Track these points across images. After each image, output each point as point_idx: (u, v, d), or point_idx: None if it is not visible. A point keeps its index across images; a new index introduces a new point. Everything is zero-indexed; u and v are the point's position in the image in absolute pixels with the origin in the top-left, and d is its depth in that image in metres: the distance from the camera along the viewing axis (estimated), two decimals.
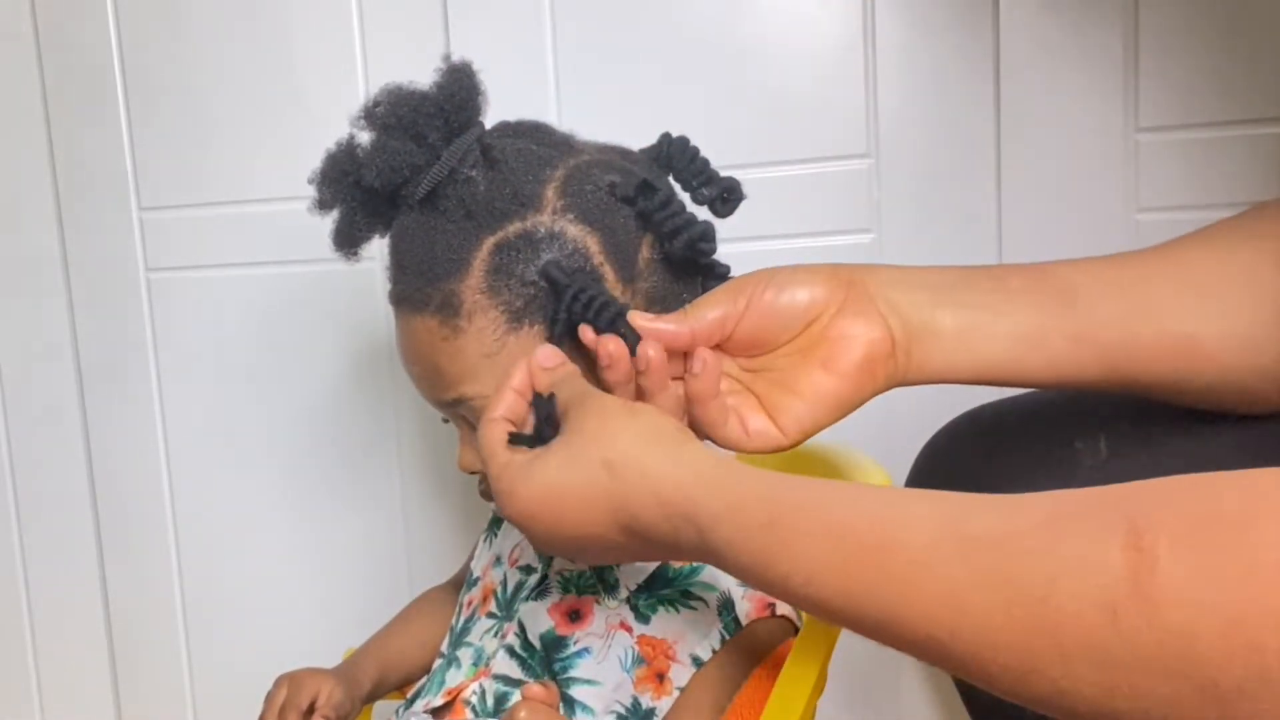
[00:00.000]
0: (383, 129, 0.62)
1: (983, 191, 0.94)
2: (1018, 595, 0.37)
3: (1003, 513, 0.40)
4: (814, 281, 0.56)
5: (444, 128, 0.62)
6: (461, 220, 0.61)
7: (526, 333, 0.61)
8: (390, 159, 0.61)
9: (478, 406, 0.62)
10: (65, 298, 1.13)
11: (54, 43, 1.10)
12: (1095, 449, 0.59)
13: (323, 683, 0.71)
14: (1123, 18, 0.89)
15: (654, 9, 0.97)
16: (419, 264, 0.62)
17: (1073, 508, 0.39)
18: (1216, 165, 0.88)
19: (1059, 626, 0.36)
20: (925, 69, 0.93)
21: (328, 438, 1.10)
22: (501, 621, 0.70)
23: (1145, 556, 0.35)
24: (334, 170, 0.64)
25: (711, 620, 0.65)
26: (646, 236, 0.63)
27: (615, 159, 0.65)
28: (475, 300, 0.61)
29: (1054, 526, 0.38)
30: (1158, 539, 0.35)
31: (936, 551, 0.40)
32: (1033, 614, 0.37)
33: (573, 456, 0.53)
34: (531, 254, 0.61)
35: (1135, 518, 0.36)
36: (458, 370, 0.62)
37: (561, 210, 0.61)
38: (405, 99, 0.62)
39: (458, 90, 0.62)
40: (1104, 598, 0.35)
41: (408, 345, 0.65)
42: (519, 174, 0.62)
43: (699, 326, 0.57)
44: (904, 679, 1.01)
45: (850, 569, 0.43)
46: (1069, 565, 0.37)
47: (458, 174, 0.61)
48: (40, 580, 1.19)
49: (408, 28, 1.02)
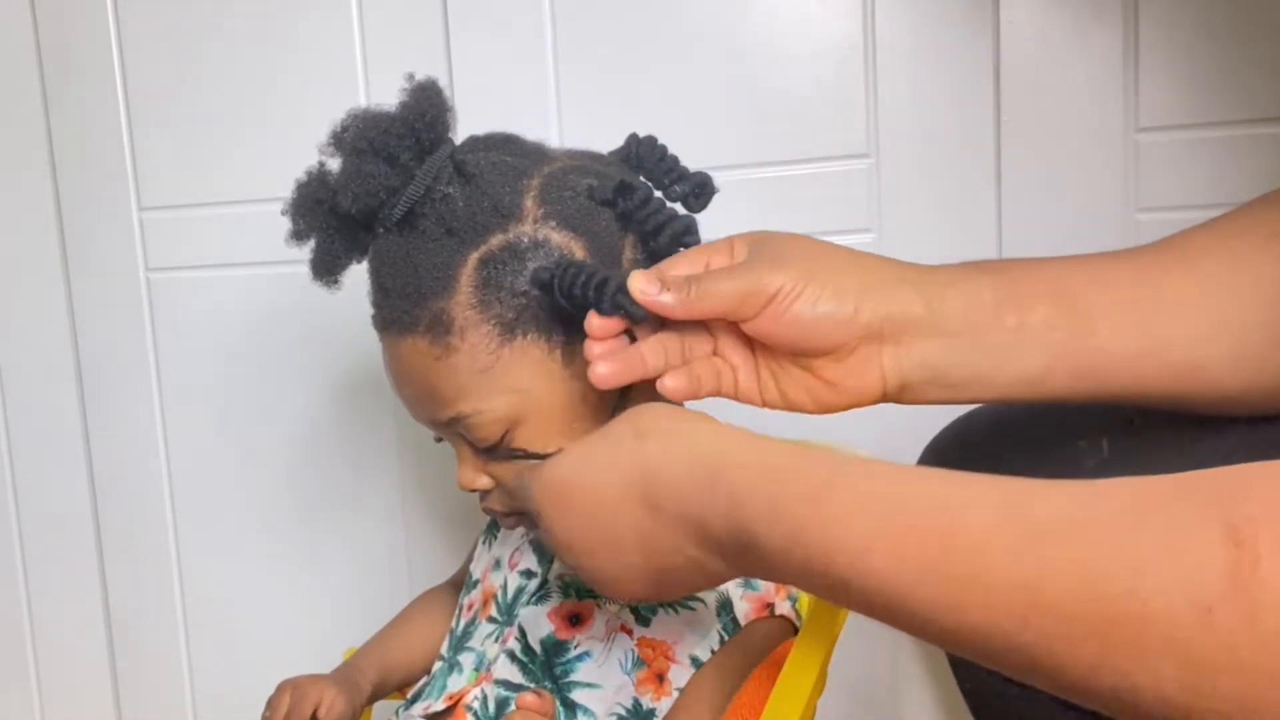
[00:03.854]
0: (354, 153, 0.61)
1: (983, 191, 0.94)
2: (1098, 585, 0.35)
3: (1074, 498, 0.38)
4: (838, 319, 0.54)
5: (415, 147, 0.61)
6: (443, 238, 0.60)
7: (520, 344, 0.61)
8: (364, 183, 0.60)
9: (476, 423, 0.62)
10: (65, 298, 1.13)
11: (54, 43, 1.09)
12: (1098, 448, 0.59)
13: (324, 690, 0.70)
14: (1123, 18, 0.89)
15: (654, 11, 0.97)
16: (403, 286, 0.61)
17: (1158, 496, 0.37)
18: (1216, 165, 0.88)
19: (1144, 620, 0.34)
20: (925, 69, 0.93)
21: (328, 437, 1.10)
22: (502, 626, 0.70)
23: (1246, 553, 0.33)
24: (307, 199, 0.63)
25: (710, 621, 0.65)
26: (629, 237, 0.62)
27: (589, 163, 0.65)
28: (466, 317, 0.60)
29: (1136, 515, 0.36)
30: (1258, 535, 0.33)
31: (1001, 535, 0.38)
32: (1115, 606, 0.35)
33: (602, 432, 0.52)
34: (518, 265, 0.60)
35: (1229, 509, 0.34)
36: (453, 388, 0.61)
37: (543, 218, 0.61)
38: (374, 122, 0.61)
39: (428, 109, 0.61)
40: (1199, 594, 0.33)
41: (398, 369, 0.64)
42: (496, 186, 0.61)
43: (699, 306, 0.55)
44: (904, 679, 1.01)
45: (903, 550, 0.39)
46: (1159, 557, 0.35)
47: (434, 192, 0.61)
48: (40, 580, 1.19)
49: (408, 29, 1.02)
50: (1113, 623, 0.35)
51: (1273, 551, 0.33)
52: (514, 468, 0.63)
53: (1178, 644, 0.34)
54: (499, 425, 0.62)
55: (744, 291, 0.54)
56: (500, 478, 0.64)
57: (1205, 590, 0.33)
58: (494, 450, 0.63)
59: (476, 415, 0.61)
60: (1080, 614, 0.36)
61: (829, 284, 0.54)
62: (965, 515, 0.39)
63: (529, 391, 0.61)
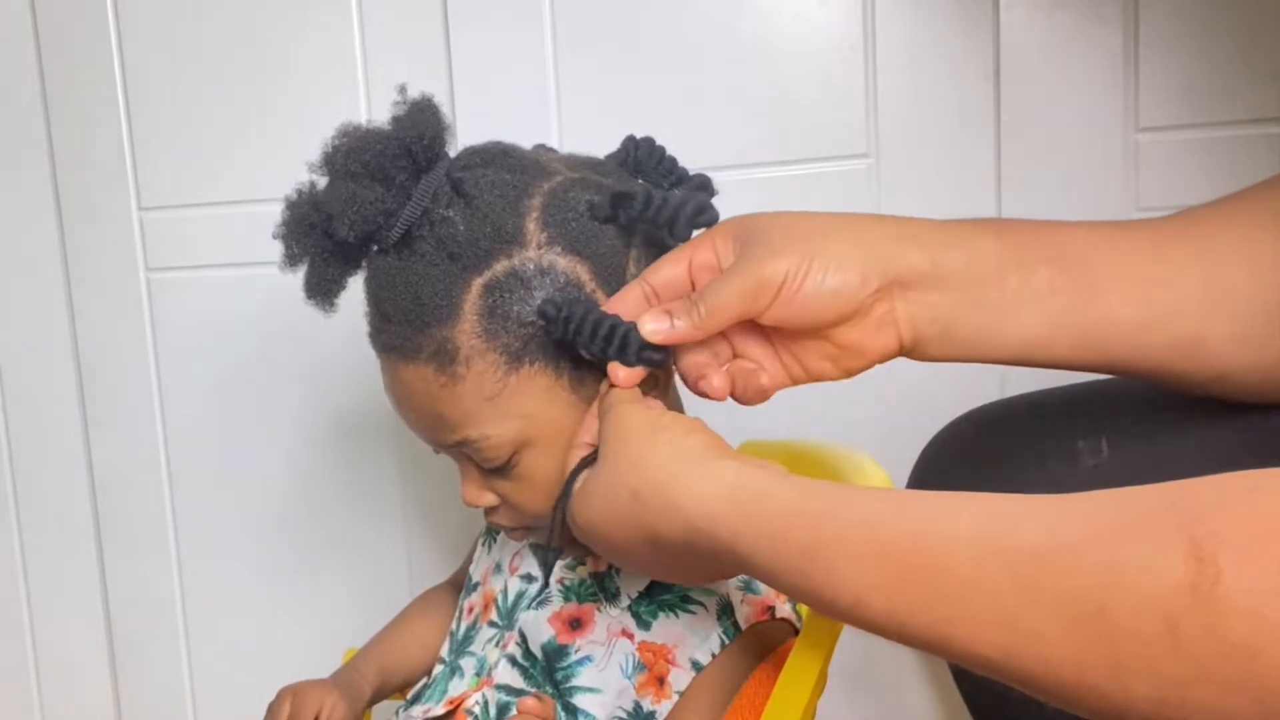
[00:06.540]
0: (348, 176, 0.59)
1: (983, 191, 0.94)
2: (1071, 610, 0.37)
3: (1051, 522, 0.39)
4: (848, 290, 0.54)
5: (411, 167, 0.60)
6: (444, 263, 0.59)
7: (527, 372, 0.59)
8: (361, 209, 0.58)
9: (482, 447, 0.61)
10: (65, 298, 1.13)
11: (54, 43, 1.09)
12: (1096, 448, 0.59)
13: (325, 696, 0.70)
14: (1123, 18, 0.89)
15: (654, 11, 0.97)
16: (404, 312, 0.59)
17: (1125, 515, 0.38)
18: (1216, 165, 0.88)
19: (1115, 641, 0.35)
20: (925, 69, 0.93)
21: (328, 438, 1.10)
22: (503, 631, 0.70)
23: (1207, 567, 0.34)
24: (300, 223, 0.61)
25: (711, 624, 0.65)
26: (631, 252, 0.61)
27: (587, 174, 0.63)
28: (472, 345, 0.59)
29: (1107, 536, 0.37)
30: (1219, 548, 0.34)
31: (985, 569, 0.39)
32: (1088, 629, 0.36)
33: (607, 489, 0.53)
34: (524, 293, 0.58)
35: (1192, 525, 0.35)
36: (459, 415, 0.60)
37: (547, 243, 0.59)
38: (368, 142, 0.59)
39: (426, 130, 0.60)
40: (1163, 609, 0.34)
41: (400, 393, 0.63)
42: (497, 209, 0.59)
43: (711, 321, 0.55)
44: (905, 679, 1.01)
45: (897, 591, 0.42)
46: (1125, 577, 0.36)
47: (432, 214, 0.59)
48: (40, 580, 1.19)
49: (408, 28, 1.02)
50: (1087, 645, 0.36)
51: (1233, 566, 0.34)
52: (517, 484, 0.63)
53: (1147, 660, 0.35)
54: (507, 449, 0.61)
55: (750, 290, 0.54)
56: (505, 494, 0.64)
57: (1169, 604, 0.34)
58: (500, 469, 0.62)
59: (484, 440, 0.61)
60: (1058, 640, 0.37)
61: (832, 257, 0.54)
62: (952, 554, 0.41)
63: (537, 416, 0.60)
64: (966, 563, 0.40)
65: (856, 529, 0.44)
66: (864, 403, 0.94)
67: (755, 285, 0.54)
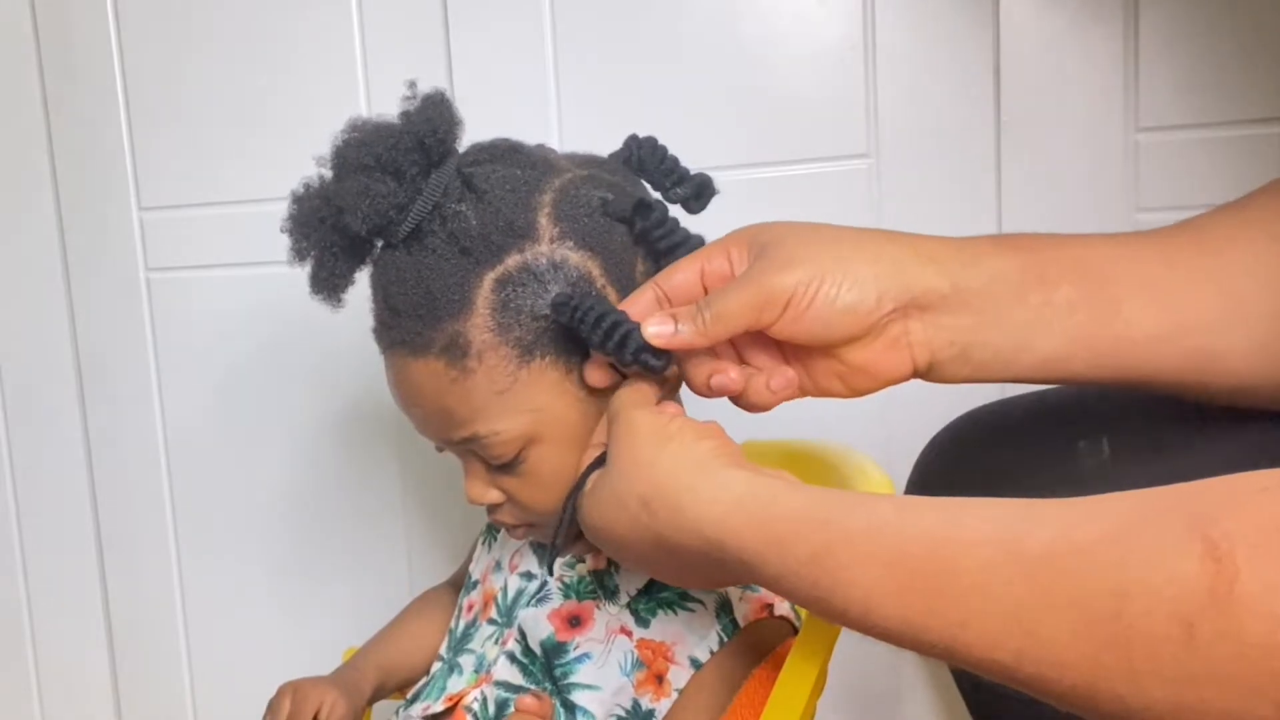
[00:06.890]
0: (360, 169, 0.59)
1: (983, 191, 0.94)
2: (1086, 614, 0.36)
3: (1063, 525, 0.39)
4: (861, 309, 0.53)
5: (423, 161, 0.60)
6: (456, 257, 0.59)
7: (538, 365, 0.60)
8: (374, 203, 0.58)
9: (491, 443, 0.61)
10: (65, 298, 1.13)
11: (54, 43, 1.09)
12: (1098, 449, 0.59)
13: (325, 693, 0.70)
14: (1123, 18, 0.89)
15: (654, 10, 0.97)
16: (415, 306, 0.59)
17: (1137, 517, 0.37)
18: (1216, 165, 0.88)
19: (1130, 643, 0.35)
20: (925, 69, 0.93)
21: (328, 438, 1.10)
22: (502, 628, 0.70)
23: (1224, 567, 0.34)
24: (309, 216, 0.61)
25: (709, 622, 0.65)
26: (640, 250, 0.62)
27: (596, 172, 0.63)
28: (484, 339, 0.59)
29: (1120, 539, 0.37)
30: (1235, 548, 0.34)
31: (996, 574, 0.39)
32: (1102, 632, 0.36)
33: (616, 493, 0.53)
34: (537, 287, 0.59)
35: (1207, 526, 0.35)
36: (469, 410, 0.60)
37: (559, 238, 0.59)
38: (380, 136, 0.59)
39: (439, 124, 0.60)
40: (1179, 611, 0.34)
41: (408, 389, 0.63)
42: (508, 203, 0.59)
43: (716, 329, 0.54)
44: (904, 679, 1.01)
45: (908, 597, 0.41)
46: (1141, 579, 0.35)
47: (443, 209, 0.59)
48: (40, 580, 1.19)
49: (408, 28, 1.02)
50: (1101, 648, 0.36)
51: (1250, 566, 0.34)
52: (523, 481, 0.63)
53: (1163, 662, 0.35)
54: (515, 444, 0.61)
55: (758, 302, 0.53)
56: (511, 491, 0.64)
57: (1186, 607, 0.34)
58: (506, 465, 0.62)
59: (492, 435, 0.61)
60: (1071, 644, 0.37)
61: (847, 274, 0.53)
62: (962, 559, 0.40)
63: (546, 411, 0.60)
64: (977, 567, 0.40)
65: (866, 535, 0.44)
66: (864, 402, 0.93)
67: (763, 297, 0.53)
